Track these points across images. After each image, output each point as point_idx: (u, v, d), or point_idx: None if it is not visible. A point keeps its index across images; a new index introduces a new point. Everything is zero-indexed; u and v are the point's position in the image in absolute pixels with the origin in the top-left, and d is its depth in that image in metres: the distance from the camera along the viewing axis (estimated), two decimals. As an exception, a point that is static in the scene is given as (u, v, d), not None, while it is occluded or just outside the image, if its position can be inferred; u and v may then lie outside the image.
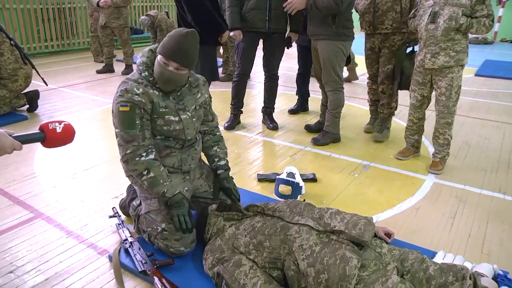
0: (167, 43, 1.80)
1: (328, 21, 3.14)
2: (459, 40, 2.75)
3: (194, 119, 2.00)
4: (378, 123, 3.63)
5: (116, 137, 1.87)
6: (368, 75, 3.66)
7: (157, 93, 1.88)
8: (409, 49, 3.31)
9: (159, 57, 1.82)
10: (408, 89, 3.31)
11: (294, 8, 3.15)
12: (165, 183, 1.85)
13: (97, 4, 5.73)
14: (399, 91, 3.47)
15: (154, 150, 1.88)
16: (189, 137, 1.99)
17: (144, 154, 1.83)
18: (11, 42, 3.87)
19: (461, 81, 2.83)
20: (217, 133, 2.23)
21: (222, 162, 2.18)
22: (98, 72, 6.18)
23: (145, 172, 1.83)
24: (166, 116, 1.90)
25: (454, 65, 2.78)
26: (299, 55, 4.25)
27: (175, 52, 1.78)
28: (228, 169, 2.20)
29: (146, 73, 1.88)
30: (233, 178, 2.22)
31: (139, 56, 1.93)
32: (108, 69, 6.23)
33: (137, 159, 1.82)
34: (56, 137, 1.35)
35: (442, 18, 2.72)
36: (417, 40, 3.24)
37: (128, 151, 1.83)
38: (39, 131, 1.34)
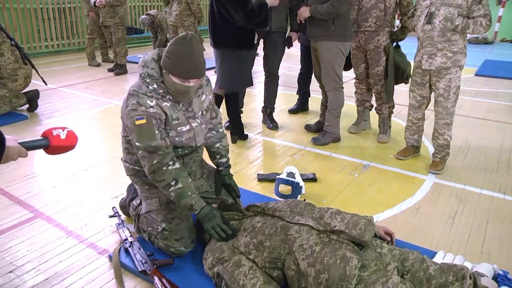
0: (177, 63, 1.70)
1: (327, 22, 3.14)
2: (456, 41, 2.74)
3: (203, 126, 1.99)
4: (380, 124, 3.62)
5: (138, 151, 1.79)
6: (355, 75, 3.66)
7: (168, 104, 1.83)
8: (394, 44, 3.35)
9: (174, 78, 1.73)
10: (405, 82, 3.36)
11: (301, 18, 3.30)
12: (193, 195, 1.79)
13: (94, 4, 5.81)
14: (398, 91, 3.47)
15: (177, 159, 1.85)
16: (199, 144, 1.99)
17: (171, 163, 1.78)
18: (12, 42, 3.87)
19: (459, 82, 2.82)
20: (220, 130, 2.20)
21: (224, 160, 2.18)
22: (110, 70, 6.20)
23: (173, 183, 1.76)
24: (179, 128, 1.87)
25: (452, 66, 2.77)
26: (301, 55, 4.24)
27: (192, 71, 1.72)
28: (229, 166, 2.20)
29: (155, 86, 1.80)
30: (232, 175, 2.21)
31: (141, 65, 1.83)
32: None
33: (164, 168, 1.76)
34: (60, 143, 1.35)
35: (437, 18, 2.71)
36: (401, 36, 3.31)
37: (155, 161, 1.76)
38: (42, 137, 1.34)
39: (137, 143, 1.78)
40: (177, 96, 1.83)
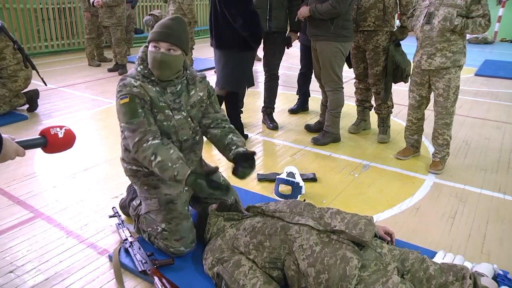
0: (155, 29, 1.82)
1: (327, 22, 3.15)
2: (455, 41, 2.74)
3: (189, 119, 1.97)
4: (379, 124, 3.63)
5: (123, 132, 1.86)
6: (354, 75, 3.66)
7: (154, 89, 1.86)
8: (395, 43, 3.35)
9: (149, 45, 1.83)
10: (404, 81, 3.37)
11: (301, 17, 3.31)
12: (174, 165, 1.71)
13: (92, 4, 5.81)
14: (398, 91, 3.47)
15: (160, 136, 1.82)
16: (185, 137, 1.96)
17: (151, 138, 1.77)
18: (15, 46, 3.87)
19: (459, 81, 2.82)
20: (227, 126, 2.08)
21: (242, 149, 1.95)
22: (110, 70, 6.19)
23: (152, 158, 1.73)
24: (166, 111, 1.89)
25: (451, 66, 2.76)
26: (302, 54, 4.24)
27: (163, 33, 1.79)
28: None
29: (142, 67, 1.88)
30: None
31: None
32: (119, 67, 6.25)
33: (144, 144, 1.76)
34: (58, 142, 1.35)
35: (437, 19, 2.71)
36: (401, 37, 3.31)
37: (136, 139, 1.77)
38: (40, 136, 1.34)
39: (122, 124, 1.84)
40: (156, 69, 1.83)
